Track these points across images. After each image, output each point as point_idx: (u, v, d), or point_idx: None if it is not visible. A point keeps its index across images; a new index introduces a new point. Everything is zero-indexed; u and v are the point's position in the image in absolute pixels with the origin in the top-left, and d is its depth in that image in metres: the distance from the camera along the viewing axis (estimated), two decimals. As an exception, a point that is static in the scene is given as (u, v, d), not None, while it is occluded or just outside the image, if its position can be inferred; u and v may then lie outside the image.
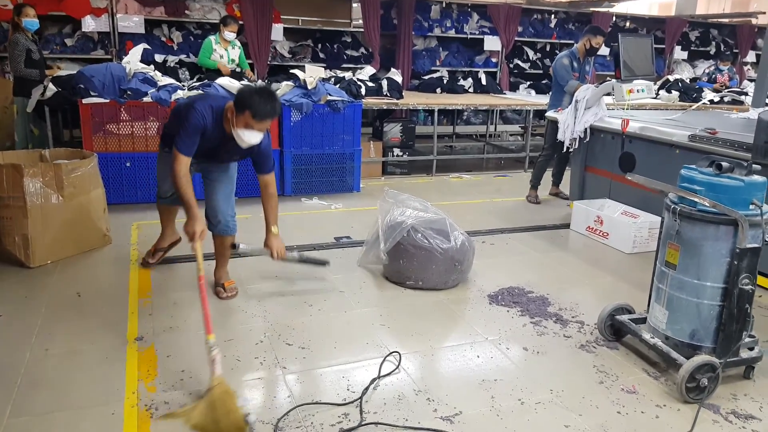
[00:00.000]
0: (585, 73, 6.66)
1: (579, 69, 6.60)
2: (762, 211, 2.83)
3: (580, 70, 6.61)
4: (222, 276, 3.98)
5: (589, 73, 6.75)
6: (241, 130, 3.40)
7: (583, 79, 6.56)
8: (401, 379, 3.02)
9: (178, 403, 2.75)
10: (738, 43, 12.11)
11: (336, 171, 6.60)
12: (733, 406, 2.89)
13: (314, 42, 9.46)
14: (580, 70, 6.61)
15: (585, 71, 6.66)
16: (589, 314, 3.80)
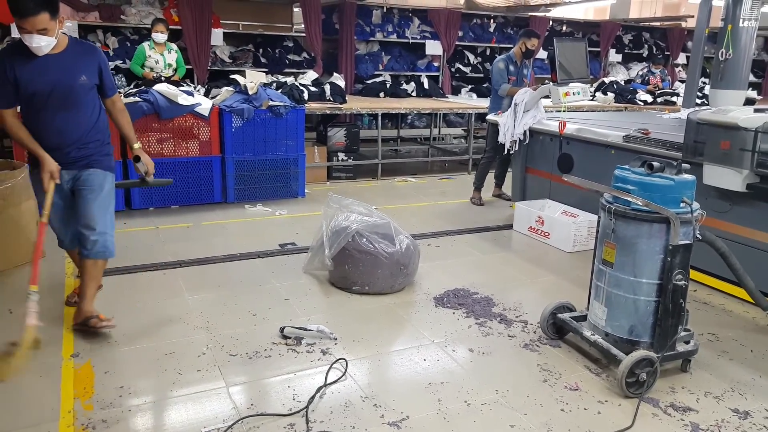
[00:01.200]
0: (523, 76, 6.71)
1: (516, 72, 6.64)
2: (692, 208, 2.94)
3: (517, 73, 6.65)
4: (92, 308, 3.44)
5: (528, 76, 6.80)
6: (23, 36, 3.01)
7: (521, 82, 6.62)
8: (348, 386, 3.00)
9: (116, 420, 2.64)
10: (669, 45, 12.60)
11: (280, 177, 6.52)
12: (672, 399, 2.98)
13: (255, 47, 9.34)
14: (518, 73, 6.66)
15: (523, 74, 6.72)
16: (533, 313, 3.86)
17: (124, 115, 3.61)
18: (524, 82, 6.70)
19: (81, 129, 3.34)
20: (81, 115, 3.33)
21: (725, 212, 4.18)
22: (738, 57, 5.53)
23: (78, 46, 3.33)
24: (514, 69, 6.64)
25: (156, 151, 5.88)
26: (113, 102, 3.54)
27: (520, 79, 6.71)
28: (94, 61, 3.34)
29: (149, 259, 4.60)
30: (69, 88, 3.23)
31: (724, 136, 3.88)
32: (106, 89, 3.45)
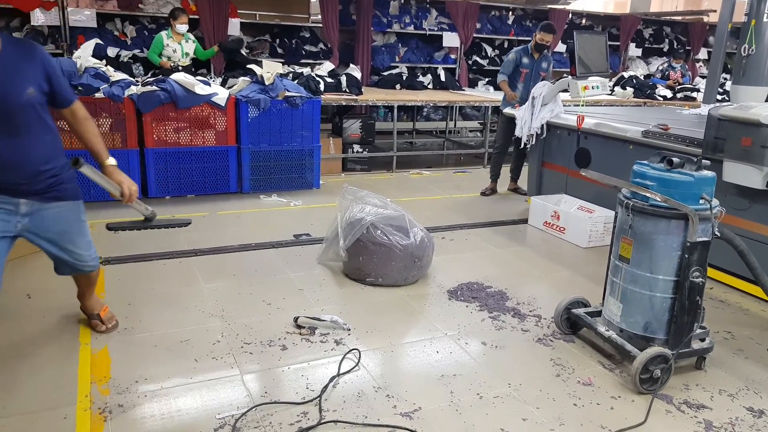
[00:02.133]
0: (540, 69, 6.59)
1: (530, 65, 6.57)
2: (711, 205, 2.91)
3: (531, 65, 6.57)
4: (94, 305, 3.33)
5: (546, 69, 6.65)
6: None
7: (537, 77, 6.51)
8: (361, 376, 3.01)
9: (132, 405, 2.68)
10: (690, 40, 12.44)
11: (295, 168, 6.54)
12: (686, 396, 2.97)
13: (272, 37, 9.35)
14: (532, 65, 6.57)
15: (540, 68, 6.59)
16: (546, 308, 3.85)
17: (89, 124, 2.91)
18: (540, 75, 6.57)
19: (35, 159, 2.66)
20: (34, 140, 2.64)
21: (744, 210, 4.13)
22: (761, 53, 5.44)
23: (15, 47, 2.59)
24: (529, 62, 6.56)
25: (173, 140, 5.92)
26: (73, 112, 2.84)
27: (536, 72, 6.59)
28: (38, 66, 2.62)
29: (165, 247, 4.64)
30: (13, 106, 2.53)
31: (746, 132, 3.83)
32: (61, 98, 2.76)
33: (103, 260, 4.29)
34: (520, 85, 6.64)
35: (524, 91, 6.57)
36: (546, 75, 6.60)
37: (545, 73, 6.62)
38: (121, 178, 2.97)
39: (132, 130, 5.74)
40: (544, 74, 6.60)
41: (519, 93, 6.57)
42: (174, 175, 6.00)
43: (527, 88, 6.48)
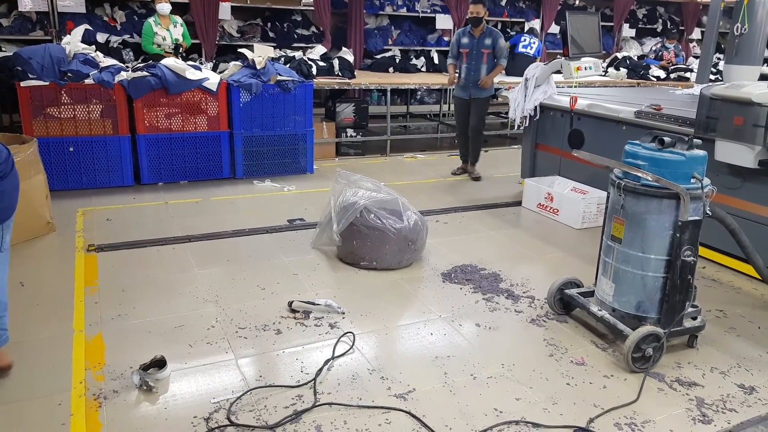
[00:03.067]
0: (482, 47, 6.28)
1: (470, 44, 6.32)
2: (703, 184, 2.91)
3: (471, 44, 6.32)
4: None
5: (491, 46, 6.27)
6: None
7: (479, 55, 6.29)
8: (355, 359, 3.03)
9: (127, 391, 2.69)
10: (684, 20, 12.38)
11: (288, 152, 6.52)
12: (678, 375, 2.99)
13: (263, 21, 9.26)
14: (472, 44, 6.31)
15: (483, 45, 6.27)
16: (540, 289, 3.86)
17: None
18: (482, 54, 6.29)
19: None
20: None
21: (736, 189, 4.14)
22: (753, 32, 5.44)
23: None
24: (469, 41, 6.33)
25: (164, 126, 5.88)
26: None
27: (478, 51, 6.31)
28: None
29: (159, 233, 4.63)
30: None
31: (737, 111, 3.83)
32: None
33: (96, 247, 4.29)
34: (464, 66, 6.46)
35: (466, 71, 6.46)
36: (489, 52, 6.30)
37: (488, 50, 6.30)
38: None
39: (123, 116, 5.70)
40: (488, 51, 6.30)
41: (463, 74, 6.44)
42: (166, 161, 5.97)
43: (469, 69, 6.40)
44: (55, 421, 2.48)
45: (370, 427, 2.51)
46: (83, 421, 2.49)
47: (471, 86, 6.45)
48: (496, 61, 6.36)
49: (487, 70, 6.32)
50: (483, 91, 6.43)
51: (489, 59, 6.32)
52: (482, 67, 6.32)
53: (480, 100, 6.47)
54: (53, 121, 5.51)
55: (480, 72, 6.34)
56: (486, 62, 6.33)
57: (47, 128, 5.48)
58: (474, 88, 6.43)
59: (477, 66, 6.35)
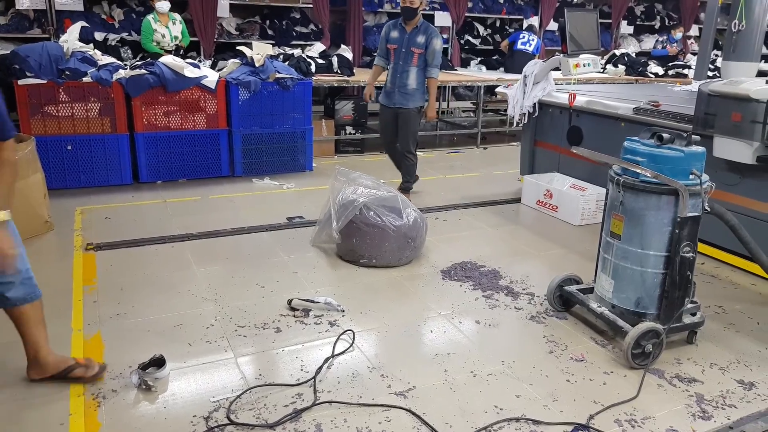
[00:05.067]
0: (413, 44, 5.23)
1: (399, 39, 5.29)
2: (701, 180, 2.91)
3: (400, 40, 5.28)
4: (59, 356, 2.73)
5: (423, 45, 5.21)
6: None
7: (408, 54, 5.25)
8: (355, 357, 3.02)
9: (126, 390, 2.68)
10: (682, 17, 12.37)
11: (287, 150, 6.51)
12: (677, 371, 3.00)
13: (262, 18, 9.26)
14: (401, 40, 5.28)
15: (414, 43, 5.22)
16: (539, 286, 3.86)
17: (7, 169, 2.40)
18: (412, 52, 5.25)
19: None
20: None
21: (735, 185, 4.14)
22: (751, 28, 5.45)
23: None
24: (398, 35, 5.30)
25: (163, 124, 5.88)
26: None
27: (407, 50, 5.26)
28: None
29: (158, 232, 4.62)
30: None
31: (736, 108, 3.83)
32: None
33: (95, 246, 4.29)
34: (389, 66, 5.42)
35: (392, 73, 5.38)
36: (421, 53, 5.23)
37: (420, 50, 5.23)
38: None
39: (121, 114, 5.70)
40: (419, 51, 5.23)
41: (389, 75, 5.42)
42: (165, 159, 5.96)
43: (395, 70, 5.34)
44: (54, 421, 2.48)
45: (371, 425, 2.51)
46: (82, 421, 2.48)
47: (396, 92, 5.36)
48: (428, 69, 5.27)
49: (416, 76, 5.27)
50: (410, 100, 5.33)
51: (420, 61, 5.25)
52: (410, 70, 5.26)
53: (407, 112, 5.35)
54: (51, 119, 5.50)
55: (407, 76, 5.28)
56: (416, 64, 5.25)
57: (45, 126, 5.47)
58: (400, 95, 5.34)
59: (404, 68, 5.28)
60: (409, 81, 5.28)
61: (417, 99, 5.32)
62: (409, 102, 5.32)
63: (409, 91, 5.29)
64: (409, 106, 5.32)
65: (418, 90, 5.29)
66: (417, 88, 5.28)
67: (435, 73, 5.28)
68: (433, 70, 5.25)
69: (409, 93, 5.30)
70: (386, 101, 5.48)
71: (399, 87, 5.32)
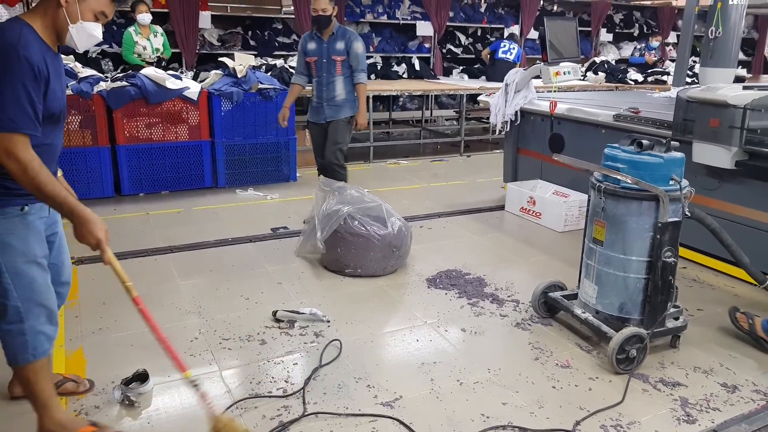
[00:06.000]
0: (334, 52, 4.83)
1: (318, 50, 4.88)
2: (681, 186, 2.95)
3: (319, 51, 4.87)
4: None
5: (344, 52, 4.83)
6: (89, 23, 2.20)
7: (331, 64, 4.86)
8: (341, 367, 3.01)
9: (109, 406, 2.65)
10: (660, 24, 12.57)
11: (271, 160, 6.50)
12: (661, 375, 3.02)
13: (244, 29, 9.26)
14: (320, 50, 4.87)
15: (334, 50, 4.82)
16: (524, 293, 3.88)
17: None
18: (333, 61, 4.85)
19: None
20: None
21: (714, 189, 4.19)
22: (727, 35, 5.53)
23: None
24: (316, 47, 4.90)
25: (145, 136, 5.84)
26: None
27: (329, 59, 4.86)
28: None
29: (140, 245, 4.59)
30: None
31: (713, 113, 3.89)
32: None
33: (76, 260, 4.23)
34: (314, 80, 5.03)
35: (317, 87, 5.00)
36: (344, 59, 4.86)
37: (342, 57, 4.85)
38: None
39: (102, 127, 5.65)
40: (341, 58, 4.85)
41: (314, 91, 5.05)
42: (147, 171, 5.92)
43: (320, 83, 4.95)
44: (36, 438, 2.44)
45: (357, 435, 2.50)
46: (65, 438, 2.44)
47: (325, 107, 4.96)
48: (354, 75, 4.91)
49: (344, 85, 4.91)
50: (341, 110, 4.96)
51: (344, 69, 4.88)
52: (336, 81, 4.88)
53: (335, 123, 4.97)
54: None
55: (334, 87, 4.90)
56: (341, 73, 4.87)
57: (25, 140, 5.40)
58: (330, 109, 4.94)
59: (329, 79, 4.89)
60: (337, 92, 4.92)
61: (347, 109, 4.98)
62: (340, 113, 4.97)
63: (338, 103, 4.94)
64: (339, 116, 4.98)
65: (347, 100, 4.95)
66: (346, 98, 4.94)
67: (363, 78, 4.93)
68: (360, 75, 4.91)
69: (339, 104, 4.95)
70: (315, 118, 5.07)
71: (327, 100, 4.94)
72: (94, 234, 2.15)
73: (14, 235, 2.18)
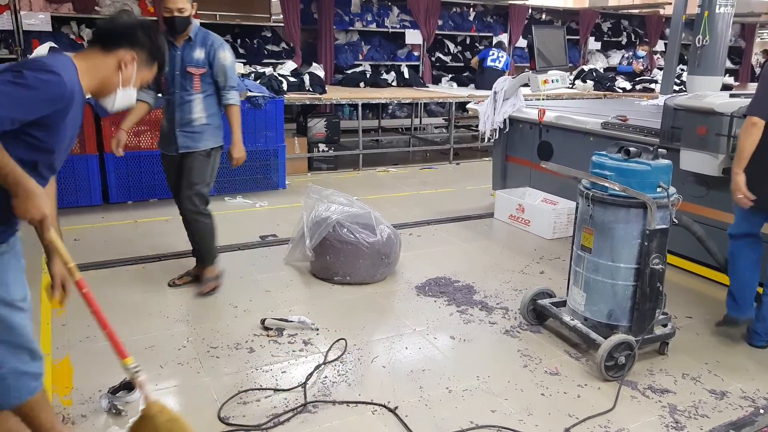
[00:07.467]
0: (191, 62, 3.64)
1: (170, 59, 3.60)
2: (669, 193, 2.96)
3: (172, 60, 3.62)
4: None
5: (206, 63, 3.65)
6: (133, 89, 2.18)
7: (186, 76, 3.65)
8: (330, 375, 2.99)
9: (95, 415, 2.62)
10: (648, 33, 12.68)
11: (260, 168, 6.48)
12: (650, 382, 3.02)
13: (233, 37, 9.24)
14: (173, 60, 3.63)
15: (191, 60, 3.64)
16: (513, 300, 3.88)
17: None
18: (191, 76, 3.66)
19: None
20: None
21: (702, 197, 4.22)
22: (714, 43, 5.59)
23: None
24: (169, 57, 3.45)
25: (133, 143, 5.81)
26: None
27: (182, 72, 3.66)
28: None
29: (128, 253, 4.55)
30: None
31: (700, 121, 3.92)
32: None
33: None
34: (164, 99, 3.82)
35: (168, 108, 3.78)
36: (204, 72, 3.67)
37: (201, 69, 3.65)
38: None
39: (90, 134, 5.62)
40: (200, 71, 3.65)
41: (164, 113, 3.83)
42: (135, 179, 5.89)
43: (171, 103, 3.74)
44: (21, 449, 2.40)
45: (346, 444, 2.49)
46: (50, 448, 2.41)
47: (178, 133, 3.72)
48: (223, 94, 3.75)
49: (204, 106, 3.72)
50: (200, 139, 3.75)
51: (205, 85, 3.70)
52: (194, 99, 3.70)
53: (194, 156, 3.77)
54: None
55: (190, 108, 3.71)
56: (199, 90, 3.69)
57: (12, 148, 5.36)
58: (184, 137, 3.73)
59: (184, 97, 3.69)
60: (195, 115, 3.71)
61: (208, 138, 3.77)
62: (199, 143, 3.74)
63: (196, 129, 3.72)
64: (198, 147, 3.75)
65: (209, 126, 3.76)
66: (208, 124, 3.75)
67: (234, 97, 3.78)
68: (230, 93, 3.76)
69: (197, 131, 3.73)
70: (166, 148, 3.83)
71: (181, 126, 3.72)
72: (40, 208, 1.92)
73: None
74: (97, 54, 2.08)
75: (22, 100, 1.80)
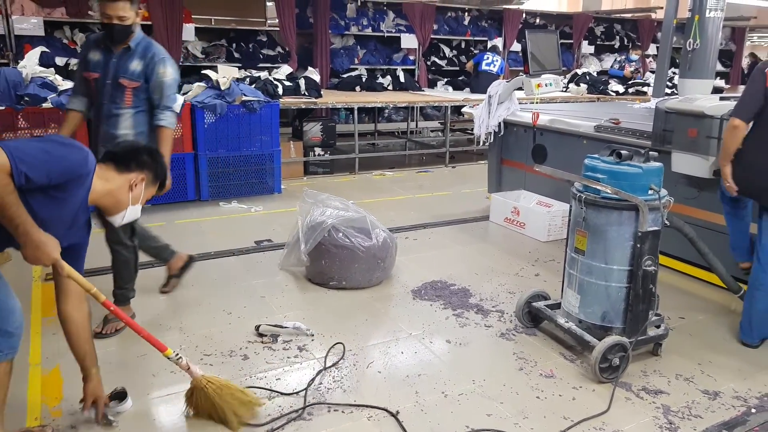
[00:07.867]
0: (125, 74, 3.30)
1: (103, 63, 3.31)
2: (660, 195, 2.97)
3: (104, 64, 3.31)
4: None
5: (142, 76, 3.32)
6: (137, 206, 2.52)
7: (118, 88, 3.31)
8: (326, 381, 2.99)
9: (85, 426, 2.61)
10: (640, 36, 12.73)
11: (255, 173, 6.48)
12: (644, 383, 3.03)
13: (228, 42, 9.25)
14: (106, 64, 3.31)
15: (126, 72, 3.30)
16: (509, 303, 3.89)
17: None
18: (123, 89, 3.31)
19: None
20: None
21: (693, 198, 4.24)
22: (705, 47, 5.62)
23: None
24: (102, 58, 3.33)
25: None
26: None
27: (113, 80, 3.31)
28: None
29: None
30: None
31: (691, 124, 3.93)
32: None
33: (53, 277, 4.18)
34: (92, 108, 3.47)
35: (95, 120, 3.44)
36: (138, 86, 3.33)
37: (135, 83, 3.31)
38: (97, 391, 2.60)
39: (83, 140, 5.59)
40: (134, 85, 3.31)
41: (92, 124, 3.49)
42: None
43: (99, 115, 3.40)
44: (13, 458, 2.39)
45: (340, 449, 2.48)
46: (42, 457, 2.40)
47: (101, 149, 3.20)
48: (156, 113, 3.39)
49: (132, 123, 3.37)
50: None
51: (137, 100, 3.36)
52: (122, 114, 3.35)
53: None
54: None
55: (117, 123, 3.36)
56: (130, 104, 3.34)
57: (5, 154, 5.35)
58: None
59: (112, 110, 3.34)
60: (120, 130, 3.35)
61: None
62: None
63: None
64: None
65: None
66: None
67: (168, 119, 3.40)
68: (164, 114, 3.39)
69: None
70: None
71: (104, 141, 3.34)
72: (50, 255, 2.22)
73: None
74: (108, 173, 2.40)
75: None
